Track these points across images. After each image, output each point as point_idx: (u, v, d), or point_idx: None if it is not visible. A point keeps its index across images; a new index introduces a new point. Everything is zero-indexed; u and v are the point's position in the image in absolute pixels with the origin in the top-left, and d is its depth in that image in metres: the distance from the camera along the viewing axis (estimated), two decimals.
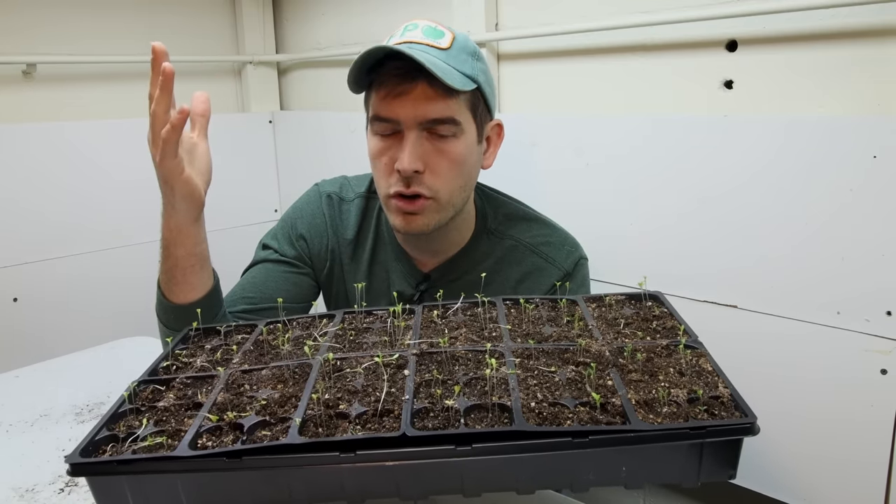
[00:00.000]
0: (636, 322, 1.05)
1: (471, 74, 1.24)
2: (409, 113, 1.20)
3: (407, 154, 1.21)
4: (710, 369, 0.89)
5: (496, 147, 1.39)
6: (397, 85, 1.20)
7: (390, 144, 1.25)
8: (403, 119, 1.21)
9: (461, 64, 1.23)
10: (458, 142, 1.24)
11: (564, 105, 1.96)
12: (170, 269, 1.23)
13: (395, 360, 0.94)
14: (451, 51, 1.23)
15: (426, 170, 1.23)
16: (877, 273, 1.41)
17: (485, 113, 1.31)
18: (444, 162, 1.24)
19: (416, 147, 1.21)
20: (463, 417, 0.78)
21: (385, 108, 1.22)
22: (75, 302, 2.41)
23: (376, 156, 1.28)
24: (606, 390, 0.84)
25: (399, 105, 1.21)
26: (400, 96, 1.20)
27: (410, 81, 1.19)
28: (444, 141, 1.23)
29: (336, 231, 1.45)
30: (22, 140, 2.26)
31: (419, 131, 1.22)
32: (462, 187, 1.29)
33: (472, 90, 1.24)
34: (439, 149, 1.23)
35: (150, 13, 2.58)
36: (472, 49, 1.28)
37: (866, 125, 1.40)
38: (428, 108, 1.20)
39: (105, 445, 0.83)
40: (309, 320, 1.17)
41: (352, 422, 0.80)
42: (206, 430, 0.82)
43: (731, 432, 0.76)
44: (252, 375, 0.96)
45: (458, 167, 1.26)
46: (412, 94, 1.20)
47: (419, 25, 1.26)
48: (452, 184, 1.26)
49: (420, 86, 1.19)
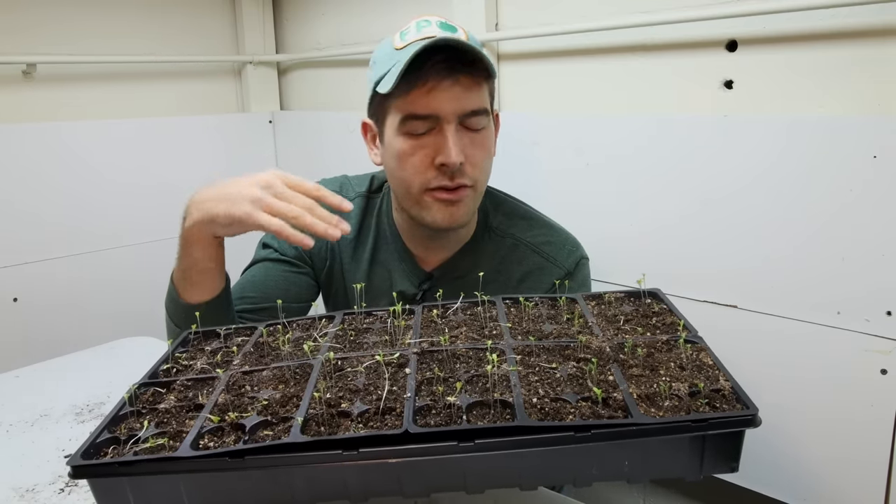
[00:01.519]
0: (636, 318, 1.06)
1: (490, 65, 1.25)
2: (451, 106, 1.21)
3: (452, 148, 1.21)
4: (711, 363, 0.90)
5: (497, 135, 1.40)
6: (443, 78, 1.20)
7: (424, 141, 1.25)
8: (444, 113, 1.22)
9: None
10: (487, 131, 1.28)
11: (565, 105, 1.96)
12: (187, 268, 1.23)
13: (396, 358, 0.94)
14: (470, 42, 1.23)
15: (467, 161, 1.25)
16: (877, 273, 1.41)
17: (493, 100, 1.34)
18: (479, 152, 1.27)
19: (458, 140, 1.23)
20: (465, 414, 0.78)
21: (424, 105, 1.22)
22: (75, 302, 2.41)
23: (408, 154, 1.26)
24: (608, 385, 0.84)
25: (440, 99, 1.21)
26: (446, 90, 1.21)
27: (453, 73, 1.20)
28: (477, 130, 1.26)
29: None
30: (22, 140, 2.27)
31: (457, 124, 1.23)
32: (489, 174, 1.33)
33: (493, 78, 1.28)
34: (473, 139, 1.26)
35: (150, 13, 2.59)
36: (480, 42, 1.30)
37: (866, 125, 1.40)
38: (469, 99, 1.22)
39: (106, 448, 0.83)
40: (309, 321, 1.17)
41: (354, 420, 0.80)
42: (207, 431, 0.82)
43: (732, 424, 0.76)
44: (253, 376, 0.96)
45: (489, 156, 1.30)
46: (454, 88, 1.21)
47: (432, 22, 1.26)
48: (486, 173, 1.31)
49: (462, 77, 1.21)
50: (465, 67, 1.19)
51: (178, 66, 2.70)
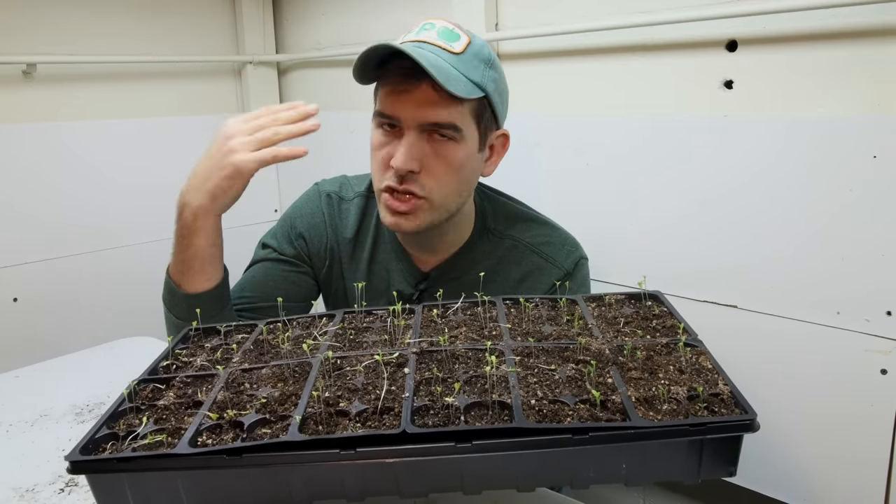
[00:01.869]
0: (636, 321, 1.06)
1: (479, 82, 1.23)
2: (410, 114, 1.20)
3: (402, 153, 1.21)
4: (710, 367, 0.90)
5: (499, 157, 1.38)
6: (401, 83, 1.20)
7: (390, 140, 1.25)
8: (404, 119, 1.21)
9: (471, 70, 1.22)
10: (457, 147, 1.24)
11: (565, 105, 1.96)
12: (188, 258, 1.24)
13: (395, 358, 0.94)
14: (463, 56, 1.22)
15: (422, 170, 1.23)
16: (877, 273, 1.41)
17: (490, 121, 1.30)
18: (440, 165, 1.23)
19: (413, 147, 1.21)
20: (463, 415, 0.79)
21: (388, 106, 1.23)
22: (75, 302, 2.41)
23: (376, 149, 1.28)
24: (606, 388, 0.84)
25: (401, 104, 1.20)
26: (402, 94, 1.20)
27: (415, 82, 1.18)
28: (443, 144, 1.23)
29: (335, 230, 1.45)
30: (23, 140, 2.27)
31: (419, 132, 1.22)
32: (457, 192, 1.29)
33: (479, 98, 1.23)
34: (437, 151, 1.23)
35: (150, 13, 2.58)
36: (486, 56, 1.26)
37: (866, 125, 1.40)
38: (429, 111, 1.20)
39: (105, 443, 0.83)
40: (309, 320, 1.17)
41: (352, 419, 0.80)
42: (206, 428, 0.82)
43: (731, 429, 0.76)
44: (252, 374, 0.96)
45: (454, 172, 1.25)
46: (415, 95, 1.19)
47: (436, 26, 1.25)
48: (447, 188, 1.26)
49: (423, 87, 1.18)
50: (431, 80, 1.15)
51: (178, 66, 2.69)
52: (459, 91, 1.16)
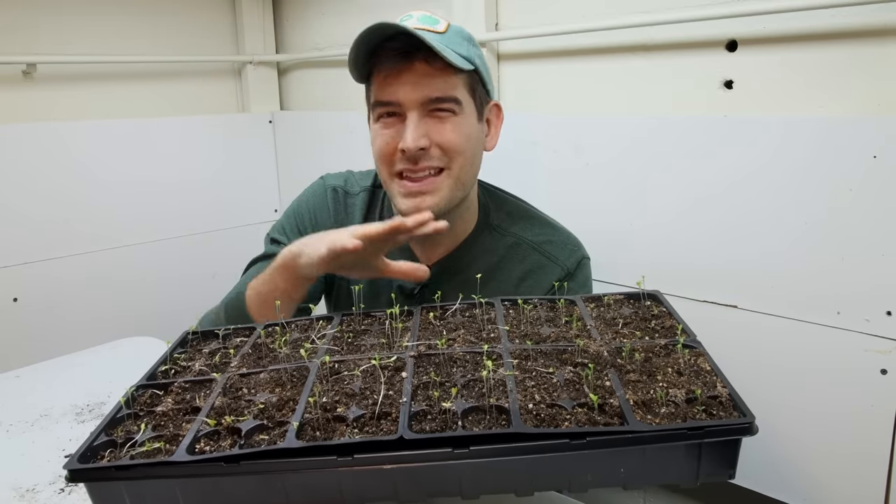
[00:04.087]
0: (635, 322, 1.06)
1: (467, 56, 1.24)
2: (410, 93, 1.21)
3: (410, 132, 1.21)
4: (709, 369, 0.90)
5: (497, 129, 1.40)
6: (396, 65, 1.21)
7: (391, 127, 1.25)
8: (404, 100, 1.22)
9: (457, 46, 1.24)
10: (459, 119, 1.25)
11: (564, 105, 1.96)
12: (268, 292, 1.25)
13: (392, 362, 0.94)
14: (447, 34, 1.24)
15: (432, 145, 1.23)
16: (877, 273, 1.41)
17: (483, 94, 1.32)
18: (448, 134, 1.24)
19: (418, 125, 1.22)
20: (460, 420, 0.79)
21: (385, 92, 1.23)
22: (75, 302, 2.41)
23: (377, 139, 1.28)
24: (604, 391, 0.84)
25: (399, 86, 1.21)
26: (400, 76, 1.21)
27: (409, 61, 1.20)
28: (446, 119, 1.24)
29: (340, 225, 1.44)
30: (22, 140, 2.27)
31: (420, 112, 1.22)
32: (470, 163, 1.30)
33: (469, 71, 1.25)
34: (443, 124, 1.24)
35: (150, 13, 2.58)
36: (467, 35, 1.29)
37: (866, 125, 1.39)
38: (429, 86, 1.21)
39: (103, 451, 0.83)
40: (307, 322, 1.17)
41: (349, 425, 0.80)
42: (203, 435, 0.82)
43: (729, 432, 0.76)
44: (250, 379, 0.96)
45: (463, 142, 1.26)
46: (412, 74, 1.20)
47: (414, 15, 1.26)
48: (461, 157, 1.26)
49: (419, 64, 1.20)
50: (422, 55, 1.18)
51: (178, 66, 2.69)
52: (454, 60, 1.18)
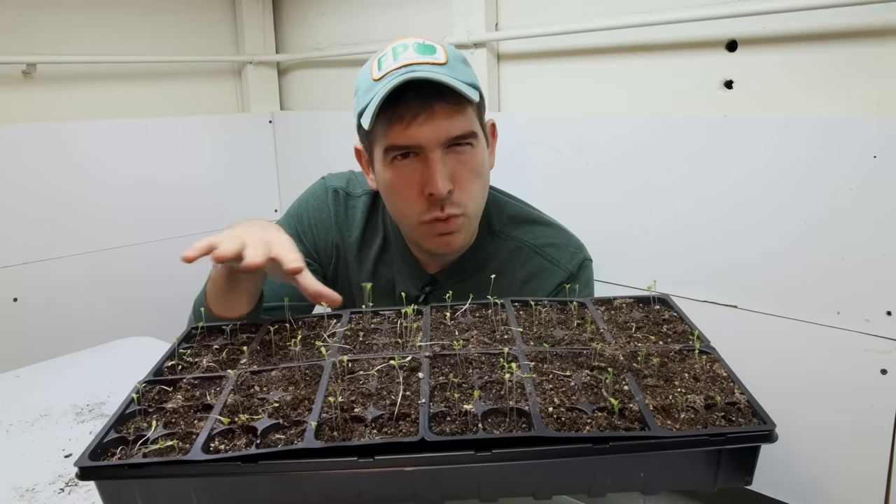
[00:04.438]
0: (647, 326, 1.05)
1: (472, 83, 1.23)
2: (432, 136, 1.19)
3: (438, 177, 1.20)
4: (725, 375, 0.90)
5: (494, 146, 1.40)
6: (418, 113, 1.19)
7: (412, 170, 1.24)
8: (426, 142, 1.20)
9: (462, 74, 1.22)
10: (476, 151, 1.25)
11: (565, 105, 1.96)
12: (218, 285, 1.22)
13: (408, 362, 0.93)
14: (449, 64, 1.22)
15: (456, 188, 1.23)
16: (877, 273, 1.42)
17: (483, 116, 1.32)
18: (468, 175, 1.24)
19: (443, 167, 1.21)
20: (481, 422, 0.78)
21: (405, 137, 1.21)
22: (75, 302, 2.41)
23: (397, 185, 1.26)
24: (623, 395, 0.83)
25: (420, 129, 1.19)
26: (418, 120, 1.19)
27: (429, 106, 1.18)
28: (465, 154, 1.23)
29: (341, 228, 1.44)
30: (22, 140, 2.26)
31: (441, 151, 1.21)
32: (483, 196, 1.31)
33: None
34: (462, 163, 1.23)
35: (150, 13, 2.58)
36: (462, 57, 1.28)
37: (866, 125, 1.40)
38: (450, 126, 1.20)
39: (114, 448, 0.82)
40: (315, 320, 1.16)
41: (368, 426, 0.79)
42: (217, 433, 0.81)
43: (750, 439, 0.77)
44: (262, 376, 0.95)
45: (479, 177, 1.27)
46: (432, 116, 1.19)
47: (409, 45, 1.24)
48: (478, 196, 1.28)
49: (438, 107, 1.18)
50: (440, 96, 1.17)
51: (179, 66, 2.69)
52: (470, 94, 1.17)
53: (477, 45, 2.03)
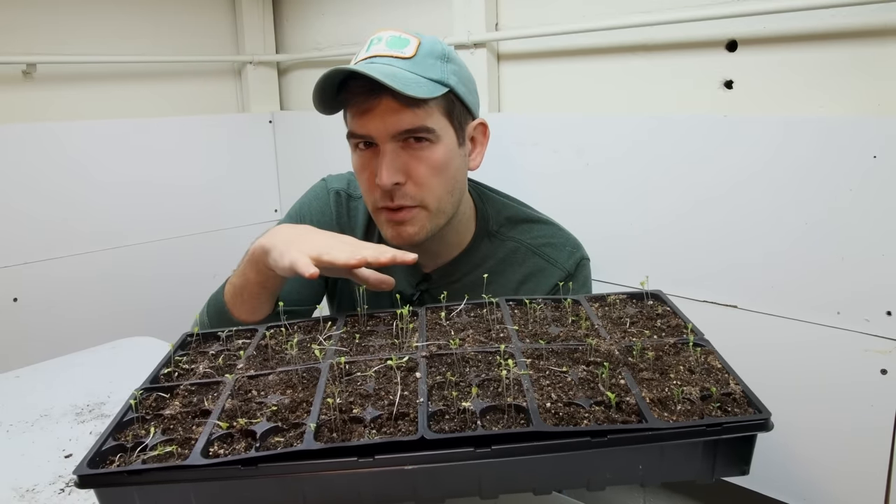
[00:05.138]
0: (641, 321, 1.06)
1: (440, 79, 1.22)
2: (380, 127, 1.20)
3: (384, 169, 1.21)
4: (720, 366, 0.91)
5: (483, 147, 1.38)
6: (363, 102, 1.20)
7: (370, 158, 1.25)
8: (375, 134, 1.21)
9: (428, 70, 1.22)
10: (435, 148, 1.23)
11: (564, 105, 1.96)
12: (243, 285, 1.25)
13: (405, 362, 0.94)
14: (416, 58, 1.22)
15: (408, 180, 1.23)
16: (877, 273, 1.42)
17: (463, 114, 1.30)
18: (423, 169, 1.23)
19: (392, 161, 1.21)
20: (479, 419, 0.78)
21: (357, 125, 1.23)
22: (75, 302, 2.41)
23: (359, 171, 1.29)
24: (619, 389, 0.84)
25: (369, 121, 1.20)
26: (367, 112, 1.20)
27: (375, 97, 1.19)
28: (421, 149, 1.23)
29: (343, 229, 1.44)
30: (22, 140, 2.26)
31: (394, 143, 1.21)
32: (449, 192, 1.28)
33: (444, 94, 1.23)
34: (417, 157, 1.23)
35: (150, 13, 2.58)
36: (440, 52, 1.26)
37: (866, 125, 1.40)
38: (397, 120, 1.19)
39: (112, 455, 0.82)
40: (311, 324, 1.16)
41: (367, 426, 0.80)
42: (216, 438, 0.81)
43: (746, 428, 0.77)
44: (259, 381, 0.96)
45: (439, 173, 1.25)
46: (379, 109, 1.19)
47: (383, 38, 1.25)
48: (437, 190, 1.25)
49: (384, 100, 1.18)
50: (388, 92, 1.16)
51: (179, 66, 2.69)
52: (421, 93, 1.17)
53: (477, 45, 2.03)
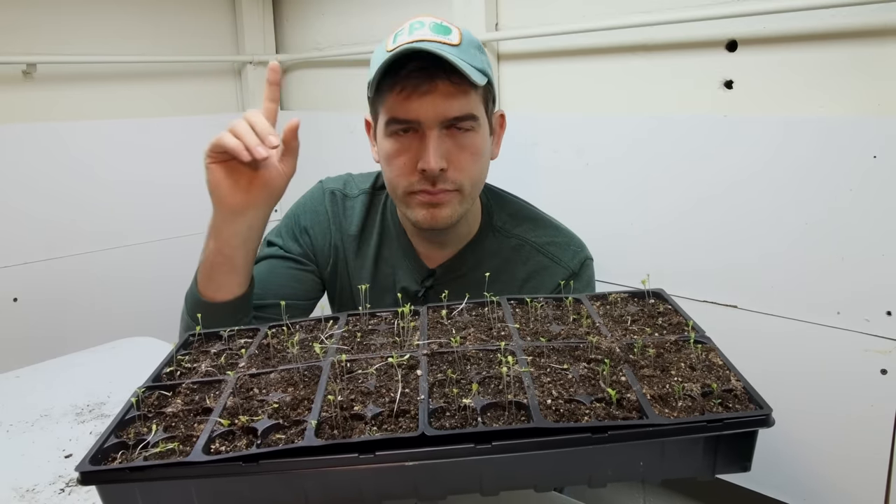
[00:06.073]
0: (642, 319, 1.06)
1: (482, 69, 1.24)
2: (431, 112, 1.20)
3: (432, 154, 1.21)
4: (721, 363, 0.91)
5: (500, 137, 1.40)
6: (419, 85, 1.20)
7: (409, 144, 1.25)
8: (424, 119, 1.21)
9: (473, 59, 1.23)
10: (476, 135, 1.26)
11: (564, 105, 1.96)
12: (205, 258, 1.25)
13: (406, 360, 0.94)
14: (462, 46, 1.23)
15: (450, 166, 1.24)
16: (877, 273, 1.42)
17: (491, 104, 1.33)
18: (466, 156, 1.25)
19: (439, 146, 1.22)
20: (480, 416, 0.78)
21: (404, 110, 1.22)
22: (75, 302, 2.41)
23: (394, 156, 1.27)
24: (620, 386, 0.84)
25: (420, 105, 1.20)
26: (422, 96, 1.20)
27: (431, 80, 1.19)
28: (464, 136, 1.24)
29: (339, 227, 1.45)
30: (22, 140, 2.27)
31: (440, 129, 1.22)
32: (481, 179, 1.32)
33: (485, 84, 1.25)
34: (460, 144, 1.24)
35: (150, 13, 2.59)
36: (477, 43, 1.29)
37: (866, 125, 1.40)
38: (450, 106, 1.20)
39: (114, 452, 0.82)
40: (313, 323, 1.16)
41: (368, 423, 0.80)
42: (218, 435, 0.81)
43: (747, 424, 0.77)
44: (261, 379, 0.95)
45: (478, 160, 1.27)
46: (434, 93, 1.20)
47: (425, 23, 1.25)
48: (475, 176, 1.28)
49: (441, 84, 1.19)
50: (444, 74, 1.18)
51: (178, 66, 2.70)
52: (476, 78, 1.18)
53: None
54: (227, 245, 1.23)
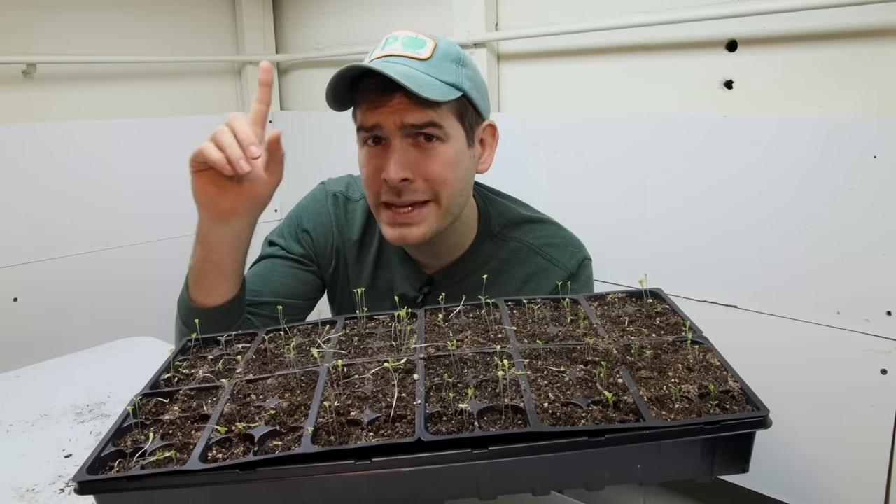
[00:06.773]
0: (640, 319, 1.06)
1: (454, 82, 1.22)
2: (390, 119, 1.20)
3: (392, 162, 1.20)
4: (718, 364, 0.90)
5: (492, 149, 1.38)
6: (376, 98, 1.20)
7: (378, 153, 1.24)
8: (384, 125, 1.20)
9: (443, 73, 1.22)
10: (445, 146, 1.23)
11: (564, 105, 1.96)
12: (193, 264, 1.25)
13: (402, 364, 0.94)
14: (431, 60, 1.22)
15: (416, 177, 1.22)
16: (877, 273, 1.42)
17: (474, 117, 1.30)
18: (434, 166, 1.22)
19: (401, 155, 1.21)
20: (476, 420, 0.78)
21: (367, 118, 1.22)
22: (75, 302, 2.41)
23: (363, 165, 1.28)
24: (617, 388, 0.84)
25: (380, 113, 1.20)
26: (380, 107, 1.20)
27: (387, 95, 1.18)
28: (430, 147, 1.22)
29: (341, 231, 1.45)
30: (22, 140, 2.27)
31: (403, 138, 1.21)
32: (459, 192, 1.28)
33: (457, 98, 1.23)
34: (426, 154, 1.22)
35: (150, 13, 2.59)
36: (455, 56, 1.26)
37: (866, 125, 1.40)
38: (411, 113, 1.19)
39: (112, 461, 0.82)
40: (310, 327, 1.16)
41: (364, 429, 0.79)
42: (215, 443, 0.81)
43: (744, 426, 0.77)
44: (258, 385, 0.95)
45: (449, 170, 1.24)
46: (391, 104, 1.19)
47: (399, 38, 1.25)
48: (448, 187, 1.25)
49: (398, 97, 1.18)
50: (402, 90, 1.16)
51: (179, 66, 2.70)
52: (434, 95, 1.16)
53: (477, 45, 2.03)
54: (214, 251, 1.22)
